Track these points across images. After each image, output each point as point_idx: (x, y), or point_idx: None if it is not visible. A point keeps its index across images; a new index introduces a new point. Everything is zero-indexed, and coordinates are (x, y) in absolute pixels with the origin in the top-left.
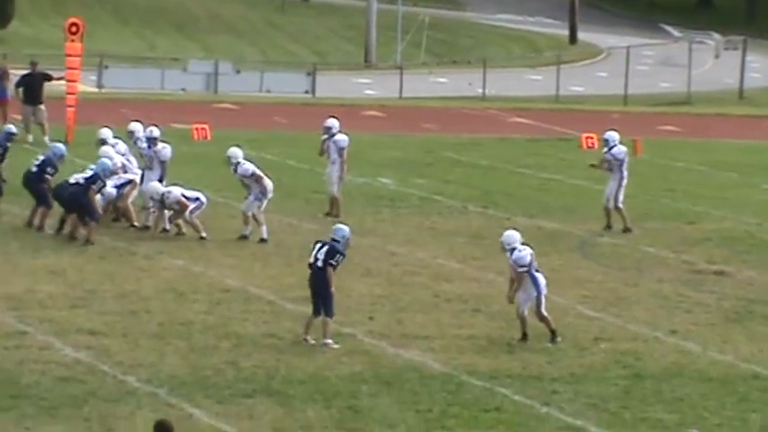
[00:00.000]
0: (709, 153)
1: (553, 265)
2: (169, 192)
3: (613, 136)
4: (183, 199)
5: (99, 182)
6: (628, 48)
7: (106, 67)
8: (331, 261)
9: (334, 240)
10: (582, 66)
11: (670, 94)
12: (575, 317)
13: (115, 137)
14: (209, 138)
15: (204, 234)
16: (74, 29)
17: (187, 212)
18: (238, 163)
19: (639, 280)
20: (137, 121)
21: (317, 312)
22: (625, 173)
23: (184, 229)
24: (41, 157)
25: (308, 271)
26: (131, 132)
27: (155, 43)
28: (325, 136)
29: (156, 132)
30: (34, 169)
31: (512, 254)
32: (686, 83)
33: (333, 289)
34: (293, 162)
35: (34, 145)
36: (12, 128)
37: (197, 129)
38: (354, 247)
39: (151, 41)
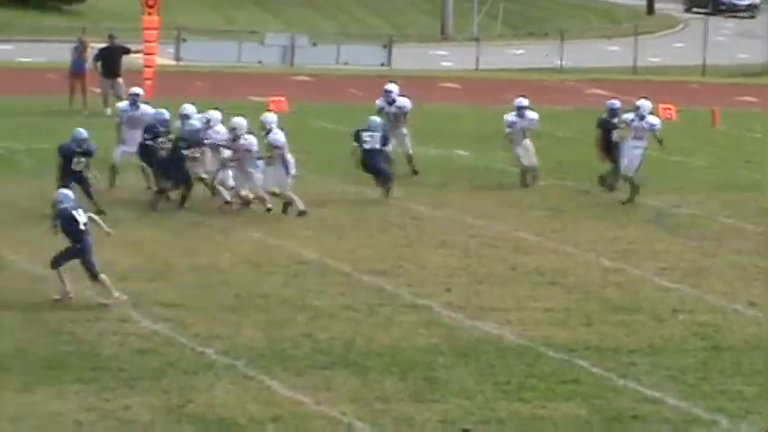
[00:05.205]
0: None
1: (630, 237)
2: (249, 136)
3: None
4: (255, 149)
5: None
6: (706, 18)
7: (184, 40)
8: None
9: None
10: (659, 37)
11: (748, 65)
12: (652, 289)
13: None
14: (286, 110)
15: (271, 206)
16: (151, 2)
17: (255, 182)
18: (271, 129)
19: (717, 251)
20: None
21: None
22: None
23: (252, 206)
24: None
25: (385, 243)
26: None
27: (232, 17)
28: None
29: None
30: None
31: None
32: (764, 54)
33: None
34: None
35: (112, 117)
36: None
37: (273, 101)
38: (430, 219)
39: (229, 15)
